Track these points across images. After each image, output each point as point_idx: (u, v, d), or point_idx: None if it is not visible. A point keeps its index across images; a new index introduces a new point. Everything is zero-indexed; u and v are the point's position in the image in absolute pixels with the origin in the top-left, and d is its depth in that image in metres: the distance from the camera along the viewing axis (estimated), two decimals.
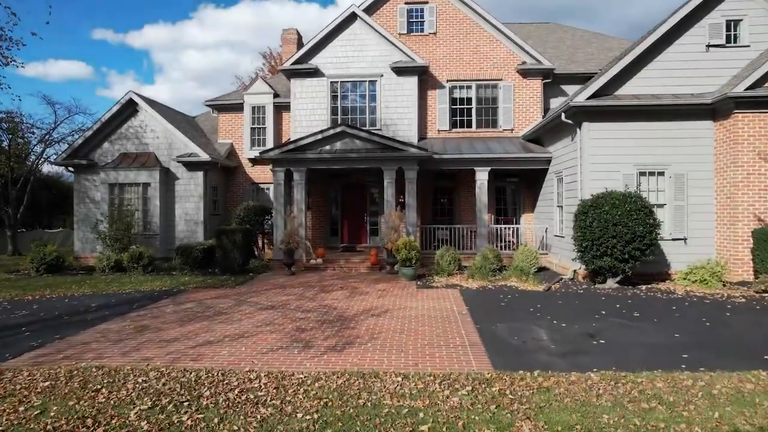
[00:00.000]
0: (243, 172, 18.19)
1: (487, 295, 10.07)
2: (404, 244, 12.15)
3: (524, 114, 16.75)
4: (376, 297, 10.03)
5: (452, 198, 17.14)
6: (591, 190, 11.39)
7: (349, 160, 14.34)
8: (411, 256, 12.02)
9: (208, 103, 18.14)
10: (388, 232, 13.26)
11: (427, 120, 16.98)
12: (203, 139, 17.80)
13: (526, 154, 14.64)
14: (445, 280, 12.01)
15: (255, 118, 17.87)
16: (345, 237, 16.97)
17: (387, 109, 16.27)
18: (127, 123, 16.44)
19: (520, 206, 16.92)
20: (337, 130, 14.20)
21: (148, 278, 12.80)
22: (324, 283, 11.90)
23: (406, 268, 12.07)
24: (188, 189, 16.32)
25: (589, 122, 11.57)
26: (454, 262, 12.96)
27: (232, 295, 10.48)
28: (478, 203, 14.87)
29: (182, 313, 8.70)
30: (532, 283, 11.06)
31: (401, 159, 14.22)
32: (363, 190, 16.99)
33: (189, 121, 18.98)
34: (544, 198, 15.35)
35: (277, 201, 14.66)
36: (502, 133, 16.77)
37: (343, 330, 7.39)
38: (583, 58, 17.95)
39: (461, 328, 7.42)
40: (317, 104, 16.44)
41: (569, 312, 8.44)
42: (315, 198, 16.87)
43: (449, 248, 13.20)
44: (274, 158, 14.38)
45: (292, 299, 9.86)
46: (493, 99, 16.90)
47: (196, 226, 16.22)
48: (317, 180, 16.81)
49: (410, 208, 14.31)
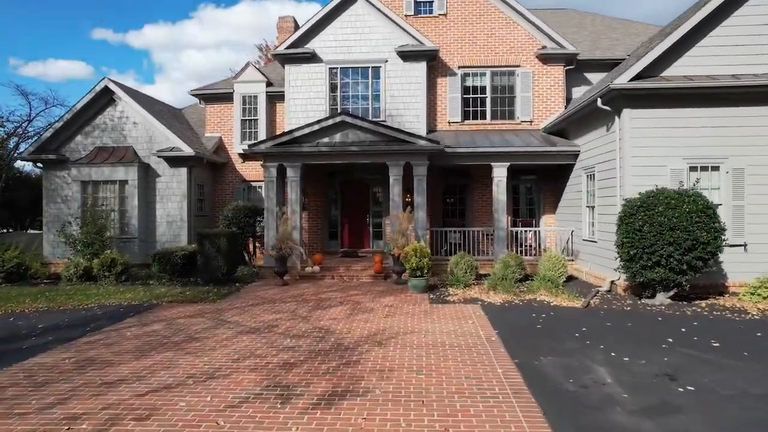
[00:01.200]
0: (233, 168, 16.51)
1: (515, 314, 8.40)
2: (414, 250, 10.47)
3: (544, 104, 15.07)
4: (382, 315, 8.35)
5: (464, 197, 15.45)
6: (633, 187, 9.72)
7: (350, 154, 12.66)
8: (422, 265, 10.34)
9: (194, 93, 16.46)
10: (395, 237, 11.59)
11: (437, 111, 15.31)
12: (188, 133, 16.13)
13: (550, 147, 12.96)
14: (461, 292, 10.33)
15: (246, 109, 16.19)
16: (345, 241, 15.29)
17: (392, 98, 14.60)
18: (102, 114, 14.77)
19: (540, 207, 15.24)
20: (337, 120, 12.52)
21: (120, 289, 11.13)
22: (321, 295, 10.23)
23: (417, 278, 10.39)
24: (170, 187, 14.65)
25: (631, 108, 9.89)
26: (470, 271, 11.28)
27: (211, 312, 8.80)
28: (496, 203, 13.19)
29: (144, 339, 7.02)
30: (566, 298, 9.39)
31: (409, 153, 12.54)
32: (365, 188, 15.31)
33: (174, 113, 17.32)
34: (568, 197, 13.67)
35: (269, 200, 12.99)
36: (520, 125, 15.09)
37: (342, 366, 5.72)
38: (608, 44, 16.27)
39: (496, 364, 5.75)
40: (314, 93, 14.78)
41: (625, 338, 6.76)
42: (311, 197, 15.19)
43: (464, 255, 11.52)
44: (265, 152, 12.70)
45: (282, 319, 8.19)
46: (510, 87, 15.22)
47: (180, 228, 14.55)
48: (314, 177, 15.13)
49: (419, 209, 12.64)
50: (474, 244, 13.86)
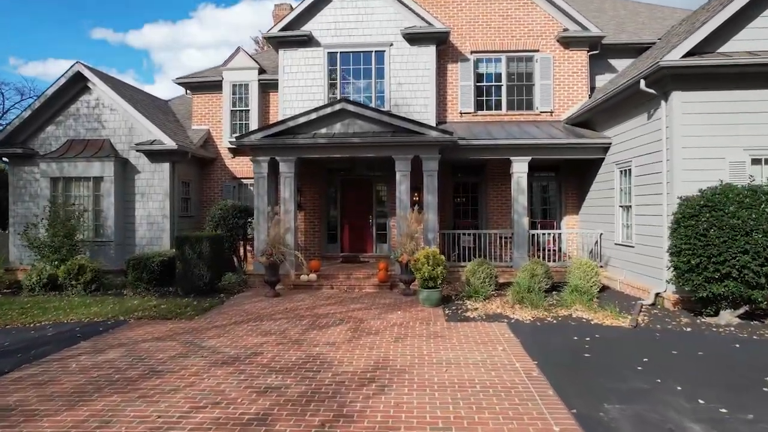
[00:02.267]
0: (222, 164, 15.02)
1: (552, 336, 6.92)
2: (426, 257, 8.98)
3: (566, 93, 13.60)
4: (390, 338, 6.87)
5: (477, 196, 13.97)
6: (683, 184, 8.26)
7: (352, 147, 11.17)
8: (436, 275, 8.85)
9: (179, 81, 14.98)
10: (403, 241, 10.10)
11: (447, 100, 13.83)
12: (173, 125, 14.64)
13: (577, 140, 11.47)
14: (481, 306, 8.85)
15: (236, 99, 14.72)
16: (345, 244, 13.80)
17: (398, 86, 13.12)
18: (75, 103, 13.29)
19: (561, 207, 13.75)
20: (336, 108, 11.04)
21: (86, 301, 9.65)
22: (317, 310, 8.75)
23: (429, 290, 8.90)
24: (151, 185, 13.17)
25: (682, 91, 8.41)
26: (489, 281, 9.80)
27: (185, 332, 7.32)
28: (515, 203, 11.71)
29: (92, 374, 5.54)
30: (607, 314, 7.90)
31: (418, 145, 11.06)
32: (368, 186, 13.82)
33: (158, 104, 15.83)
34: (595, 196, 12.18)
35: (259, 199, 11.50)
36: (539, 116, 13.61)
37: (339, 421, 4.24)
38: (634, 28, 14.78)
39: (548, 417, 4.26)
40: (311, 80, 13.30)
41: (706, 375, 5.27)
42: (308, 196, 13.70)
43: (482, 262, 10.03)
44: (254, 144, 11.21)
45: (269, 343, 6.71)
46: (528, 75, 13.75)
47: (161, 230, 13.06)
48: (311, 173, 13.65)
49: (430, 209, 11.15)
50: (489, 248, 12.38)
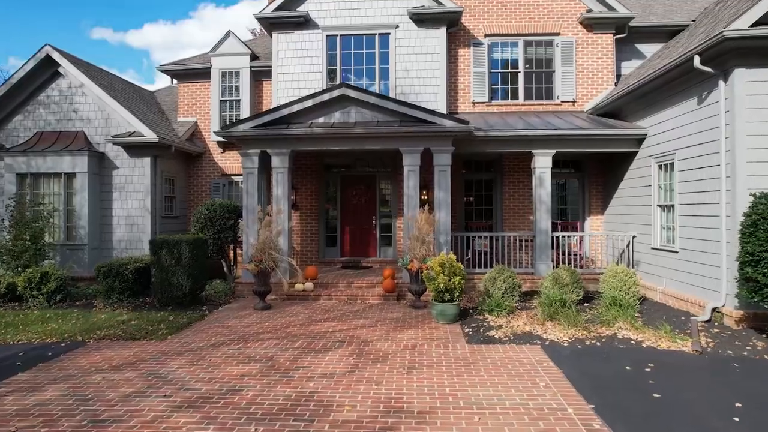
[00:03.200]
0: (210, 160, 13.70)
1: (600, 365, 5.61)
2: (441, 265, 7.65)
3: (590, 80, 12.29)
4: (402, 368, 5.56)
5: (491, 195, 12.65)
6: (749, 179, 6.96)
7: (353, 138, 9.86)
8: (453, 286, 7.52)
9: (163, 69, 13.65)
10: (413, 245, 8.79)
11: (458, 89, 12.52)
12: (156, 117, 13.33)
13: (608, 130, 10.15)
14: (505, 322, 7.55)
15: (226, 88, 13.39)
16: (346, 248, 12.47)
17: (404, 72, 11.80)
18: (46, 91, 11.96)
19: (584, 206, 12.43)
20: (335, 94, 9.73)
21: (45, 315, 8.32)
22: (313, 328, 7.43)
23: (445, 304, 7.57)
24: (131, 181, 11.85)
25: (747, 68, 7.10)
26: (512, 291, 8.51)
27: (151, 359, 6.00)
28: (537, 201, 10.39)
29: (9, 426, 4.22)
30: (660, 335, 6.57)
31: (429, 136, 9.74)
32: (371, 183, 12.49)
33: (141, 94, 14.50)
34: (626, 194, 10.87)
35: (249, 197, 10.19)
36: (560, 105, 12.31)
37: None
38: (663, 10, 13.48)
39: None
40: (308, 66, 11.98)
41: None
42: (304, 194, 12.38)
43: (503, 269, 8.73)
44: (243, 135, 9.90)
45: (251, 375, 5.39)
46: (548, 61, 12.44)
47: (141, 232, 11.74)
48: (307, 169, 12.34)
49: (441, 208, 9.84)
50: (506, 252, 11.07)
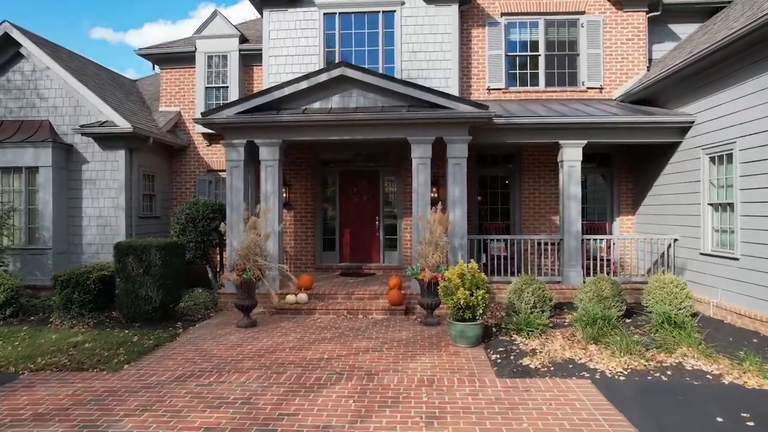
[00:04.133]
0: (195, 154, 12.35)
1: (678, 412, 4.27)
2: (461, 276, 6.28)
3: (619, 64, 10.95)
4: (420, 418, 4.21)
5: (508, 193, 11.30)
6: None
7: (354, 126, 8.50)
8: (475, 302, 6.15)
9: (142, 53, 12.29)
10: (424, 250, 7.44)
11: (472, 74, 11.18)
12: (135, 106, 11.99)
13: (649, 117, 8.81)
14: (538, 345, 6.20)
15: (213, 74, 12.05)
16: (346, 252, 11.10)
17: (412, 55, 10.47)
18: (6, 74, 10.60)
19: (613, 205, 11.09)
20: (334, 74, 8.38)
21: None
22: (306, 352, 6.08)
23: (467, 324, 6.20)
24: (103, 177, 10.49)
25: None
26: (541, 306, 7.17)
27: (94, 400, 4.64)
28: (566, 199, 9.04)
29: None
30: (750, 369, 5.20)
31: (443, 123, 8.39)
32: (374, 179, 11.12)
33: (120, 82, 13.16)
34: (665, 191, 9.52)
35: (233, 195, 8.84)
36: (586, 92, 10.97)
37: None
38: None
39: None
40: (303, 48, 10.63)
41: None
42: (299, 192, 11.02)
43: (530, 280, 7.39)
44: (227, 123, 8.55)
45: (218, 428, 4.04)
46: (571, 43, 11.10)
47: (115, 235, 10.38)
48: (302, 163, 10.99)
49: (456, 207, 8.49)
50: (526, 257, 9.73)
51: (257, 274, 7.27)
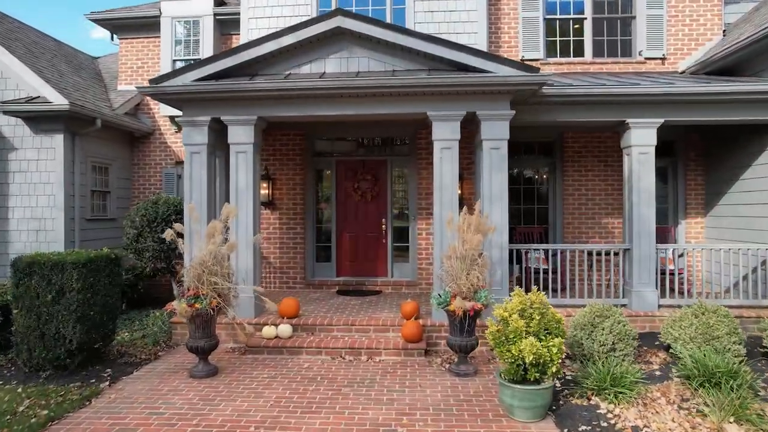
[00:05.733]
0: (162, 142, 10.13)
1: None
2: (522, 312, 4.04)
3: (687, 29, 8.77)
4: None
5: (546, 189, 9.11)
6: None
7: (356, 96, 6.28)
8: (547, 357, 3.90)
9: (94, 18, 10.06)
10: (457, 269, 5.23)
11: (501, 41, 9.00)
12: (86, 82, 9.79)
13: (753, 86, 6.59)
14: (637, 418, 4.02)
15: (182, 44, 9.84)
16: (345, 264, 8.86)
17: (427, 15, 8.27)
18: None
19: (679, 204, 8.89)
20: (331, 25, 6.17)
21: None
22: None
23: (532, 390, 3.98)
24: (36, 168, 8.28)
25: None
26: (623, 347, 4.99)
27: None
28: (635, 196, 6.82)
29: None
30: None
31: (478, 91, 6.17)
32: (380, 171, 8.89)
33: (71, 55, 10.94)
34: (755, 186, 7.31)
35: (193, 189, 6.61)
36: (644, 63, 8.79)
37: None
38: None
39: None
40: (291, 8, 8.43)
41: None
42: (285, 188, 8.81)
43: (607, 309, 5.21)
44: (183, 92, 6.32)
45: None
46: (625, 4, 8.92)
47: (52, 241, 8.18)
48: (290, 152, 8.78)
49: (494, 207, 6.26)
50: (572, 270, 7.52)
51: (216, 303, 5.05)
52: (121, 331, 6.84)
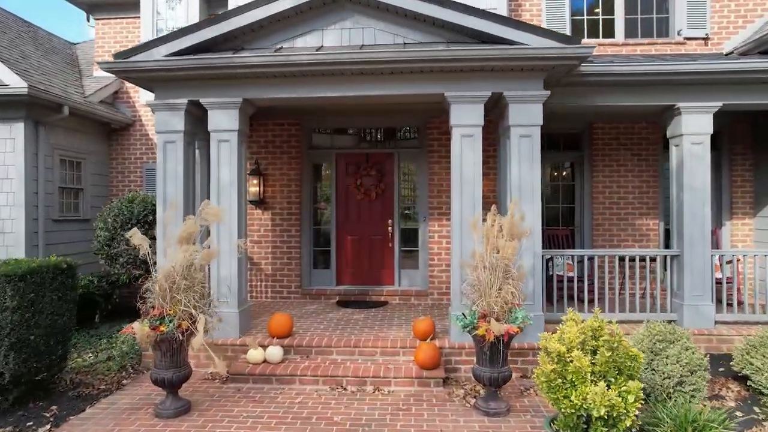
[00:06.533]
0: (143, 134, 9.11)
1: None
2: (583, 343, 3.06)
3: (733, 4, 7.76)
4: None
5: (573, 187, 8.10)
6: None
7: (360, 74, 5.26)
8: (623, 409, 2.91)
9: None
10: (485, 283, 4.21)
11: (522, 19, 7.98)
12: (55, 66, 8.79)
13: None
14: None
15: (165, 24, 8.82)
16: (345, 271, 7.82)
17: None
18: None
19: (723, 203, 7.88)
20: None
21: None
22: None
23: None
24: None
25: None
26: (695, 382, 3.97)
27: None
28: (686, 192, 5.80)
29: None
30: None
31: (505, 67, 5.14)
32: (386, 166, 7.85)
33: (42, 38, 9.93)
34: None
35: (167, 184, 5.59)
36: (684, 44, 7.79)
37: None
38: None
39: None
40: None
41: None
42: (278, 185, 7.77)
43: (667, 328, 4.20)
44: (154, 70, 5.30)
45: None
46: None
47: (11, 246, 7.17)
48: (283, 142, 7.75)
49: (525, 207, 5.22)
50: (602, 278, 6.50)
51: (185, 326, 4.03)
52: (84, 352, 5.83)
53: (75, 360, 5.47)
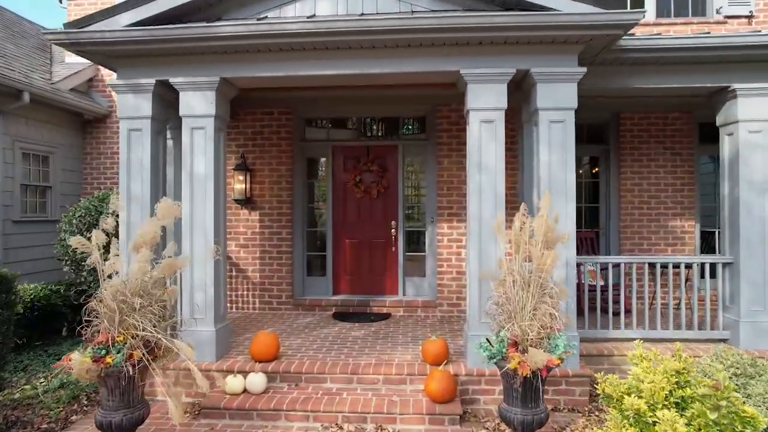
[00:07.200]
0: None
1: None
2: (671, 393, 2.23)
3: None
4: None
5: (597, 184, 7.25)
6: None
7: (358, 49, 4.41)
8: None
9: None
10: (516, 300, 3.36)
11: None
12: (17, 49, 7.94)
13: None
14: None
15: None
16: (342, 279, 6.95)
17: None
18: None
19: None
20: None
21: None
22: None
23: None
24: None
25: None
26: None
27: None
28: (744, 189, 4.93)
29: None
30: None
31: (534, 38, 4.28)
32: (388, 160, 6.97)
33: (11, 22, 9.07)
34: None
35: (131, 179, 4.73)
36: (725, 24, 6.98)
37: None
38: None
39: None
40: None
41: None
42: (267, 181, 6.90)
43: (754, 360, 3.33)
44: (115, 42, 4.45)
45: None
46: None
47: None
48: (272, 132, 6.87)
49: (555, 201, 4.36)
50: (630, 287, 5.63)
51: (139, 356, 3.16)
52: (35, 377, 4.97)
53: (21, 388, 4.61)
